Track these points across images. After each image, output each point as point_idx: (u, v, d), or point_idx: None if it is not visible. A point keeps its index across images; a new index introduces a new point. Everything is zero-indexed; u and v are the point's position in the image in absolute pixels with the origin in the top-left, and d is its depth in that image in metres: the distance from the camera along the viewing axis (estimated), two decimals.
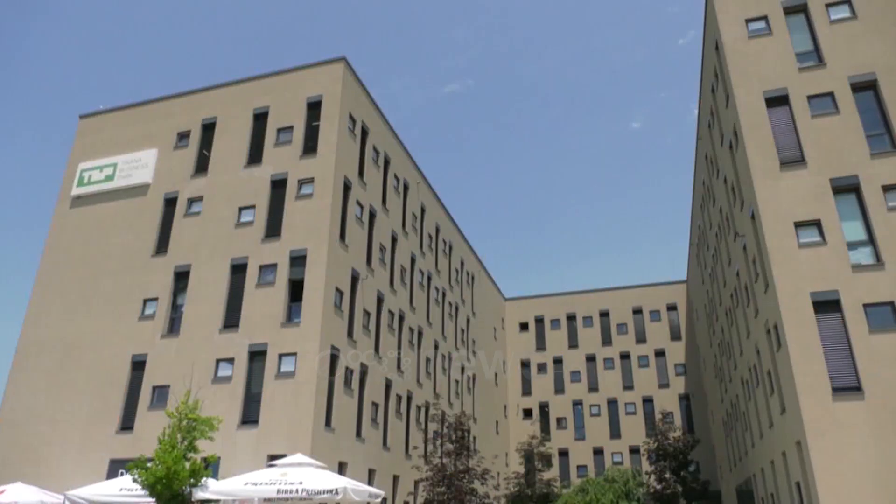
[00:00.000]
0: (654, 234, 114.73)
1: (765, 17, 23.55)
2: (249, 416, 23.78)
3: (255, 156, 28.77)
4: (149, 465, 15.38)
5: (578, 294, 54.11)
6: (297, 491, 14.70)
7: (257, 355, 24.68)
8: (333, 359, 25.09)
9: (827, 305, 19.11)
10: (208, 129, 30.45)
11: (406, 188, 35.39)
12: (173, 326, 26.65)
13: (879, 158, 20.33)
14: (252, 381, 24.47)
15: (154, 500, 15.29)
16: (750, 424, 28.20)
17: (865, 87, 21.57)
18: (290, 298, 25.46)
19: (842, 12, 22.75)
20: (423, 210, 37.72)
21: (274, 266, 25.94)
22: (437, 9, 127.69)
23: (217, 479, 17.61)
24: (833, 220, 19.99)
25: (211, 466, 16.98)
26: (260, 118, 29.57)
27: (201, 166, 29.65)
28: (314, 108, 28.73)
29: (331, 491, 14.73)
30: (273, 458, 20.76)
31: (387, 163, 33.03)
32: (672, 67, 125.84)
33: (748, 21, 23.72)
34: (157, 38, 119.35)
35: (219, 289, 26.32)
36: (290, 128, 28.63)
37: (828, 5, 22.96)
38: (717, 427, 41.65)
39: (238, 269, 26.54)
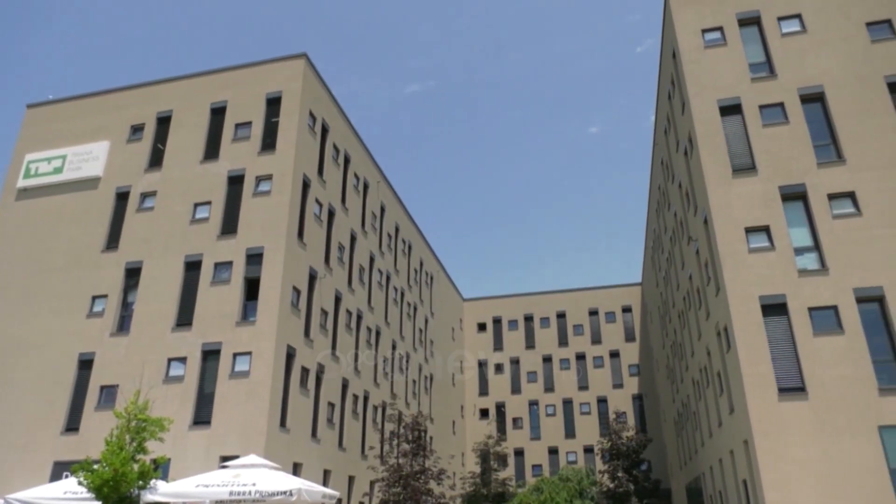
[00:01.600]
0: (611, 237, 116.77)
1: (720, 28, 24.18)
2: (202, 416, 23.28)
3: (211, 151, 28.21)
4: (95, 467, 14.93)
5: (536, 295, 54.67)
6: (250, 492, 14.46)
7: (211, 354, 24.19)
8: (289, 358, 24.78)
9: (774, 309, 19.73)
10: (163, 122, 29.73)
11: (366, 187, 35.18)
12: (123, 324, 25.93)
13: (825, 168, 21.09)
14: (205, 380, 23.97)
15: (100, 503, 14.84)
16: (700, 424, 28.92)
17: (814, 99, 22.35)
18: (245, 297, 25.04)
19: (793, 26, 23.52)
20: (382, 209, 37.57)
21: (229, 264, 25.47)
22: (401, 9, 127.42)
23: (167, 482, 17.21)
24: (781, 226, 20.65)
25: (161, 468, 16.63)
26: (217, 113, 29.00)
27: (155, 160, 28.93)
28: (273, 104, 28.32)
29: (285, 492, 14.54)
30: (226, 459, 20.37)
31: (347, 161, 32.78)
32: (630, 74, 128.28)
33: (704, 31, 24.32)
34: (111, 28, 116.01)
35: (172, 286, 25.72)
36: (249, 123, 28.17)
37: (780, 19, 23.72)
38: (669, 427, 42.59)
39: (192, 267, 25.97)
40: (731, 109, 22.86)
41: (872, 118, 21.39)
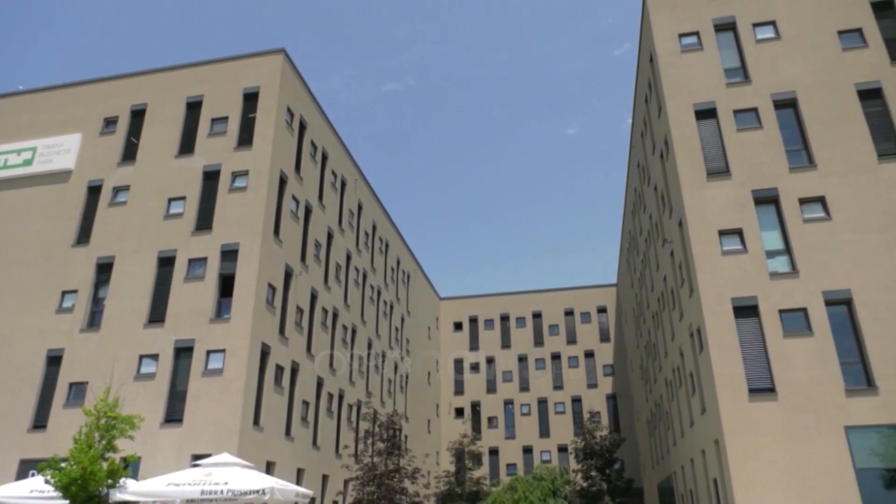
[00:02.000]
0: (587, 238, 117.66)
1: (696, 33, 24.48)
2: (173, 414, 22.99)
3: (186, 145, 27.85)
4: (62, 465, 14.64)
5: (512, 295, 54.89)
6: (221, 491, 14.29)
7: (183, 351, 23.89)
8: (264, 356, 24.57)
9: (746, 310, 20.06)
10: (138, 115, 29.28)
11: (343, 184, 35.01)
12: (94, 320, 25.49)
13: (797, 173, 21.48)
14: (177, 378, 23.67)
15: (68, 502, 14.57)
16: (672, 424, 29.27)
17: (786, 105, 22.74)
18: (219, 293, 24.77)
19: (767, 32, 23.91)
20: (360, 207, 37.42)
21: (204, 260, 25.18)
22: (380, 7, 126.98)
23: (137, 480, 16.95)
24: (754, 229, 20.99)
25: (130, 467, 16.34)
26: (193, 107, 28.63)
27: (129, 154, 28.48)
28: (251, 99, 28.05)
29: (257, 491, 14.39)
30: (198, 457, 20.13)
31: (324, 158, 32.59)
32: (608, 77, 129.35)
33: (681, 36, 24.61)
34: (85, 20, 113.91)
35: (144, 282, 25.34)
36: (225, 118, 27.86)
37: (754, 25, 24.09)
38: (642, 426, 43.06)
39: (165, 263, 25.63)
40: (706, 114, 23.17)
41: (843, 125, 21.83)
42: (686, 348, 24.09)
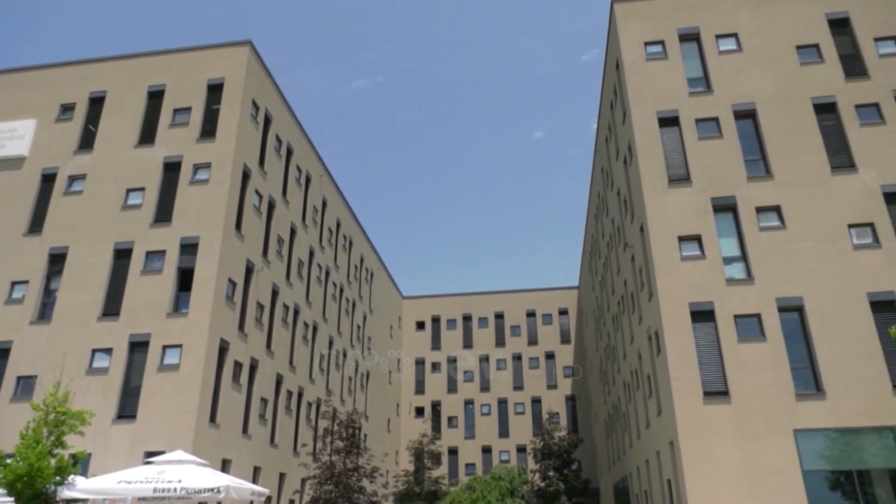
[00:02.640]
0: (551, 241, 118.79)
1: (662, 42, 24.93)
2: (126, 410, 22.46)
3: (147, 135, 27.22)
4: (8, 461, 14.15)
5: (475, 295, 55.09)
6: (175, 490, 13.98)
7: (139, 346, 23.35)
8: (222, 352, 24.18)
9: (703, 315, 20.51)
10: (96, 103, 28.50)
11: (308, 180, 34.66)
12: (45, 312, 24.71)
13: (754, 182, 22.05)
14: (131, 373, 23.13)
15: (13, 499, 14.09)
16: (629, 425, 29.75)
17: (746, 115, 23.33)
18: (178, 287, 24.28)
19: (729, 44, 24.48)
20: (324, 203, 37.09)
21: (162, 253, 24.65)
22: (350, 4, 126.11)
23: (87, 477, 16.49)
24: (712, 236, 21.47)
25: (80, 463, 15.89)
26: (155, 96, 28.00)
27: (86, 142, 27.71)
28: (215, 90, 27.57)
29: (212, 489, 14.13)
30: (151, 454, 19.72)
31: (289, 153, 32.22)
32: (575, 82, 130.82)
33: (647, 44, 25.03)
34: (42, 3, 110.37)
35: (99, 274, 24.68)
36: (188, 109, 27.33)
37: (717, 37, 24.64)
38: (600, 427, 43.66)
39: (122, 255, 25.00)
40: (669, 121, 23.61)
41: (799, 137, 22.49)
42: (644, 351, 24.50)
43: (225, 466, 23.34)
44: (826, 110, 22.93)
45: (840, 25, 24.26)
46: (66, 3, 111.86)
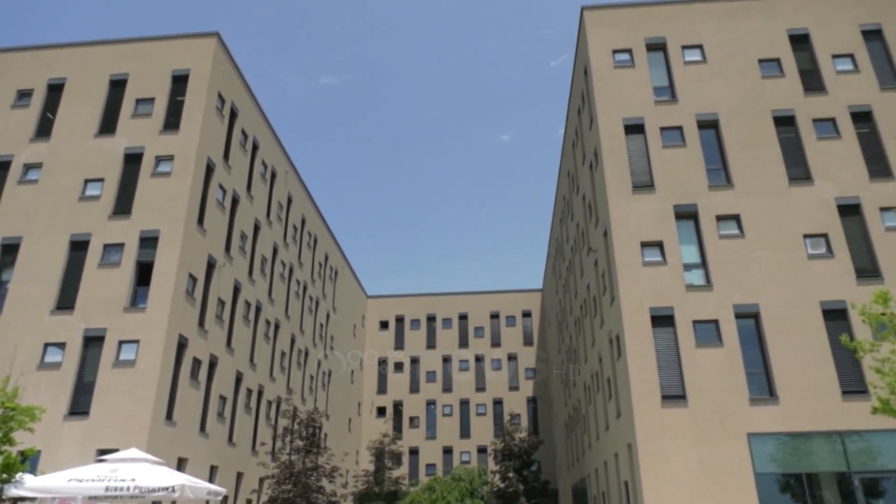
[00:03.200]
0: (516, 243, 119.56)
1: (629, 51, 25.31)
2: (79, 406, 21.86)
3: (108, 125, 26.55)
4: None
5: (440, 296, 55.14)
6: (128, 488, 13.65)
7: (93, 341, 22.75)
8: (181, 348, 23.73)
9: (662, 320, 20.88)
10: (55, 90, 27.69)
11: (273, 176, 34.24)
12: None
13: (715, 191, 22.55)
14: (85, 368, 22.52)
15: None
16: (588, 427, 30.12)
17: (709, 125, 23.84)
18: (136, 282, 23.74)
19: (694, 55, 24.99)
20: (289, 200, 36.70)
21: (121, 246, 24.08)
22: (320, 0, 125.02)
23: (35, 475, 15.99)
24: (673, 242, 21.88)
25: (29, 461, 15.42)
26: (117, 85, 27.34)
27: (43, 130, 26.89)
28: (180, 81, 27.04)
29: (167, 488, 13.84)
30: (104, 452, 19.22)
31: (255, 148, 31.78)
32: (544, 86, 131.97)
33: (615, 52, 25.38)
34: None
35: (54, 266, 23.98)
36: (152, 100, 26.75)
37: (683, 47, 25.13)
38: (560, 429, 44.10)
39: (78, 247, 24.34)
40: (634, 129, 23.98)
41: (759, 148, 23.08)
42: (605, 354, 24.83)
43: (181, 465, 22.90)
44: (785, 123, 23.58)
45: (800, 41, 24.98)
46: None
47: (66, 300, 23.50)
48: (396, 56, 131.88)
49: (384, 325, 54.74)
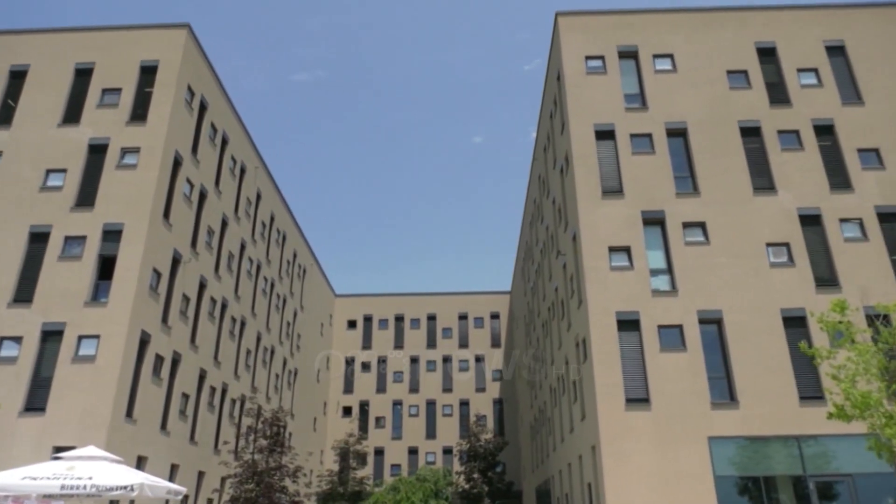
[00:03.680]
0: (485, 245, 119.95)
1: (602, 57, 25.60)
2: (35, 402, 21.28)
3: (72, 115, 25.92)
4: None
5: (408, 296, 55.05)
6: (84, 487, 13.31)
7: (52, 335, 22.18)
8: (143, 344, 23.28)
9: (628, 324, 21.16)
10: (17, 77, 26.93)
11: (243, 171, 33.81)
12: None
13: (682, 198, 22.94)
14: (42, 363, 21.96)
15: None
16: (553, 429, 30.36)
17: (677, 134, 24.24)
18: (98, 275, 23.22)
19: (665, 64, 25.39)
20: (258, 196, 36.27)
21: (83, 238, 23.52)
22: None
23: None
24: (640, 248, 22.19)
25: None
26: (83, 74, 26.71)
27: (4, 118, 26.14)
28: (148, 72, 26.54)
29: (125, 487, 13.54)
30: (60, 450, 18.71)
31: (224, 142, 31.34)
32: (517, 90, 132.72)
33: (588, 58, 25.64)
34: None
35: (11, 258, 23.31)
36: (118, 90, 26.20)
37: (654, 56, 25.51)
38: (525, 431, 44.37)
39: (38, 239, 23.70)
40: (605, 135, 24.26)
41: (725, 157, 23.54)
42: (571, 357, 25.06)
43: (140, 463, 22.47)
44: (751, 134, 24.09)
45: (767, 54, 25.55)
46: None
47: (23, 293, 22.88)
48: (371, 55, 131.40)
49: (352, 324, 54.44)
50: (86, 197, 24.37)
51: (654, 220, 22.75)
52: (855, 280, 21.35)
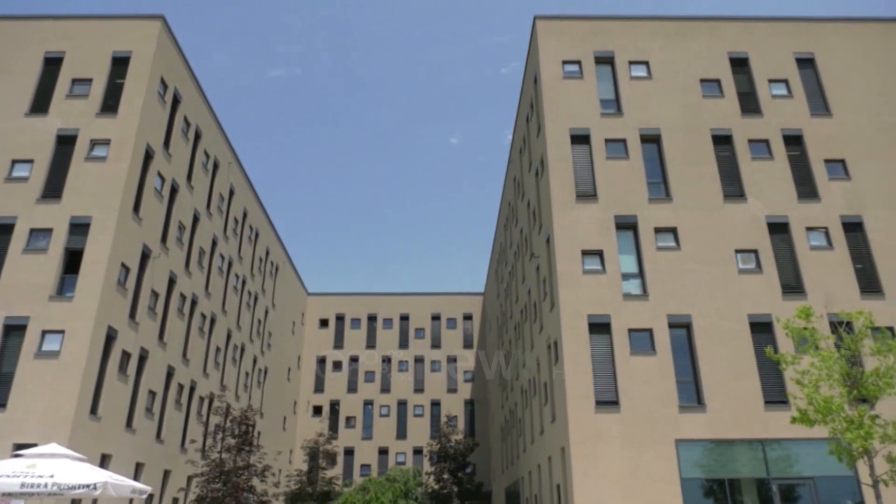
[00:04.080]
0: (460, 246, 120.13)
1: (579, 62, 25.80)
2: None
3: (40, 104, 25.34)
4: None
5: (381, 296, 54.89)
6: (45, 485, 13.00)
7: (14, 329, 21.66)
8: (109, 340, 22.84)
9: (599, 327, 21.35)
10: None
11: (216, 166, 33.37)
12: None
13: (655, 204, 23.22)
14: (4, 358, 21.42)
15: None
16: (524, 431, 30.50)
17: (651, 140, 24.53)
18: (63, 269, 22.72)
19: (640, 71, 25.68)
20: (231, 192, 35.83)
21: (49, 231, 23.00)
22: None
23: None
24: (613, 252, 22.41)
25: None
26: (52, 63, 26.13)
27: None
28: (120, 64, 26.06)
29: (87, 486, 13.25)
30: (21, 447, 18.25)
31: (198, 136, 30.90)
32: (494, 92, 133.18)
33: (565, 62, 25.82)
34: None
35: None
36: (89, 81, 25.68)
37: (630, 63, 25.79)
38: (496, 432, 44.51)
39: (2, 230, 23.12)
40: (580, 139, 24.45)
41: (697, 165, 23.89)
42: (543, 359, 25.20)
43: (104, 462, 22.04)
44: (723, 142, 24.49)
45: (740, 64, 26.01)
46: None
47: None
48: (348, 52, 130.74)
49: (324, 323, 54.10)
50: (53, 189, 23.85)
51: (626, 225, 22.99)
52: (820, 287, 21.83)
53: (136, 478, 24.04)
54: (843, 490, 19.12)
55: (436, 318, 54.06)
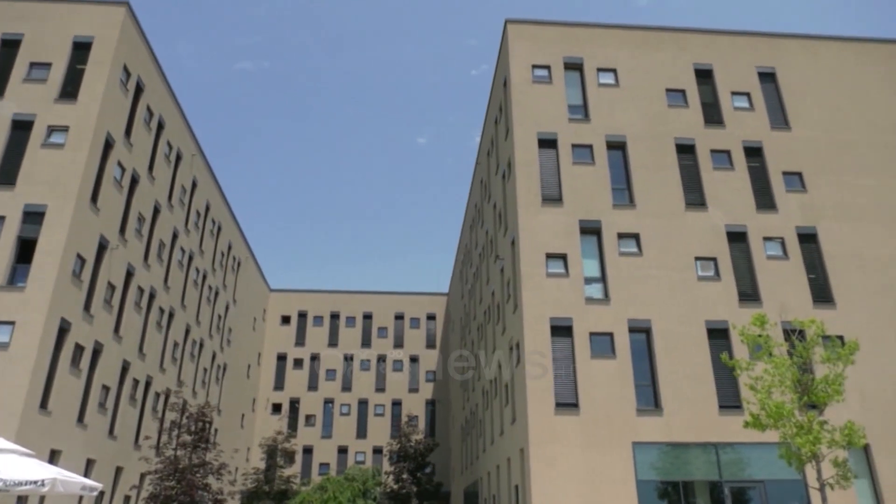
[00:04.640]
0: (425, 246, 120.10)
1: (548, 67, 26.02)
2: None
3: None
4: None
5: (345, 294, 54.55)
6: None
7: None
8: (62, 333, 22.21)
9: (561, 330, 21.55)
10: None
11: (179, 158, 32.73)
12: None
13: (619, 209, 23.56)
14: None
15: None
16: (484, 431, 30.63)
17: (617, 147, 24.89)
18: (16, 259, 22.03)
19: (608, 78, 26.04)
20: (194, 184, 35.18)
21: (1, 219, 22.27)
22: None
23: None
24: (576, 256, 22.66)
25: None
26: (9, 46, 25.31)
27: None
28: (82, 49, 25.38)
29: (35, 482, 12.85)
30: None
31: (160, 127, 30.26)
32: (463, 94, 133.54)
33: (534, 67, 26.02)
34: None
35: None
36: (48, 65, 24.95)
37: (599, 70, 26.12)
38: (456, 433, 44.60)
39: None
40: (547, 143, 24.67)
41: (660, 172, 24.33)
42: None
43: (53, 458, 21.43)
44: (686, 151, 24.98)
45: (704, 76, 26.56)
46: None
47: None
48: (317, 47, 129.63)
49: (286, 319, 53.50)
50: (6, 175, 23.10)
51: (590, 230, 23.26)
52: (775, 296, 22.42)
53: (86, 474, 23.43)
54: (792, 493, 19.68)
55: (399, 317, 53.93)
